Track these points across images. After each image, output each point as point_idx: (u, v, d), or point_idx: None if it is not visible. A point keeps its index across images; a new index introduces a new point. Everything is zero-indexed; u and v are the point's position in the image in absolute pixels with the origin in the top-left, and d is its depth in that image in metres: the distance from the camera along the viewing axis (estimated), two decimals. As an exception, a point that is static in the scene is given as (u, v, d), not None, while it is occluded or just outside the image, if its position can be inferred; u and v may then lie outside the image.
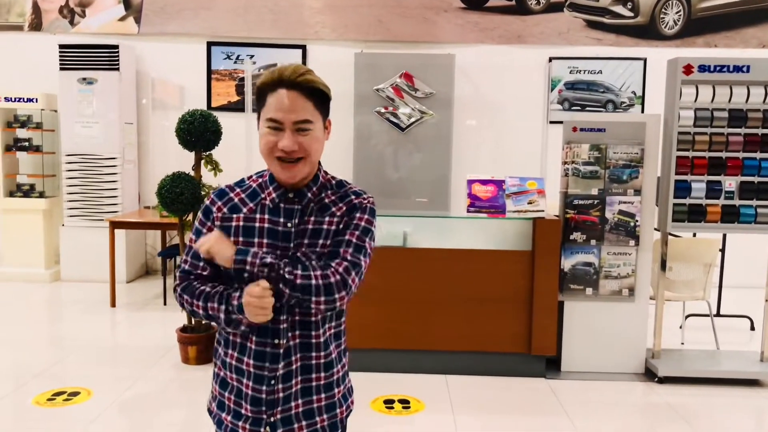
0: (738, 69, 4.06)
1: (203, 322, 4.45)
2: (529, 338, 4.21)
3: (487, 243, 4.32)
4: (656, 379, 4.18)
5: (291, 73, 1.56)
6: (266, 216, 1.63)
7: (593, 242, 4.23)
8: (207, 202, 1.70)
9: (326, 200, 1.66)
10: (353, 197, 1.67)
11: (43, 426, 3.45)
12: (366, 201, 1.68)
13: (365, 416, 3.59)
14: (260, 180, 1.69)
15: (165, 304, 5.86)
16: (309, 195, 1.65)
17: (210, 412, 1.75)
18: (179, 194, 4.24)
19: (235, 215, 1.65)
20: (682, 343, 4.95)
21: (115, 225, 5.81)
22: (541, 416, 3.72)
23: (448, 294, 4.21)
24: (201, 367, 4.30)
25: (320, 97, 1.60)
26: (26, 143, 6.73)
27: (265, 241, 1.60)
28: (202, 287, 1.63)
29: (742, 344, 5.04)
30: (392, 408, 3.75)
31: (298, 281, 1.53)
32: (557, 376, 4.27)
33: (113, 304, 5.76)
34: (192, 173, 4.43)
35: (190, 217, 4.44)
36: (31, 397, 3.78)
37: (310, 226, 1.62)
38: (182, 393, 3.97)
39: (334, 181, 1.71)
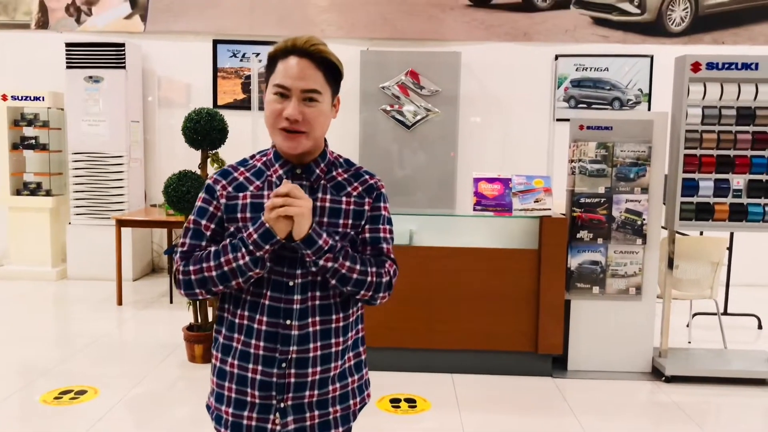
0: (746, 66, 4.04)
1: (209, 320, 4.46)
2: (536, 337, 4.20)
3: (494, 241, 4.31)
4: (663, 378, 4.16)
5: (304, 42, 1.54)
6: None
7: (600, 241, 4.21)
8: (209, 181, 1.64)
9: (339, 178, 1.64)
10: (367, 177, 1.67)
11: (50, 424, 3.46)
12: (381, 184, 1.69)
13: (372, 415, 3.59)
14: (264, 159, 1.66)
15: (171, 302, 5.88)
16: (317, 171, 1.62)
17: (208, 407, 1.69)
18: (185, 193, 4.25)
19: (241, 194, 1.60)
20: (689, 342, 4.93)
21: (121, 223, 5.82)
22: (547, 415, 3.71)
23: (455, 292, 4.21)
24: (207, 366, 4.30)
25: (332, 71, 1.58)
26: (33, 141, 6.75)
27: None
28: (208, 250, 1.57)
29: (749, 343, 5.02)
30: (398, 407, 3.75)
31: (355, 275, 1.56)
32: (564, 374, 4.26)
33: (120, 302, 5.77)
34: (198, 171, 4.43)
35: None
36: (38, 395, 3.79)
37: (328, 204, 1.60)
38: (189, 391, 3.98)
39: (342, 159, 1.70)
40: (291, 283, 1.56)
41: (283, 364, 1.57)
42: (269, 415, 1.58)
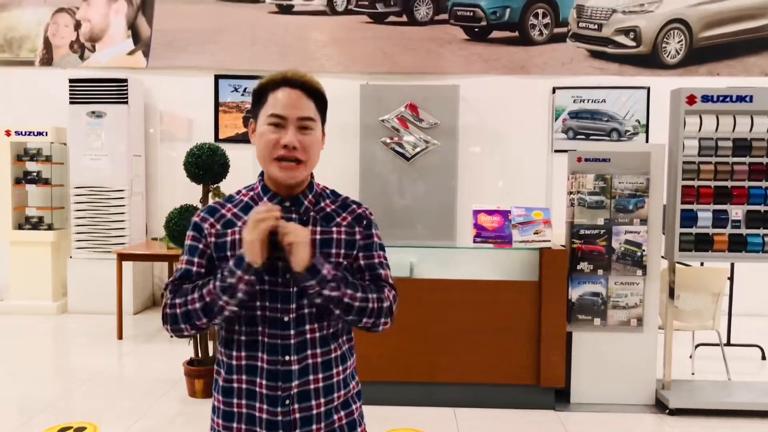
0: (741, 99, 4.09)
1: (209, 354, 4.44)
2: (538, 369, 4.18)
3: (494, 273, 4.31)
4: (667, 410, 4.13)
5: (294, 74, 1.59)
6: None
7: (600, 272, 4.22)
8: (196, 219, 1.64)
9: (328, 209, 1.66)
10: (355, 206, 1.69)
11: (49, 462, 3.43)
12: (370, 212, 1.71)
13: (373, 450, 3.55)
14: (251, 193, 1.66)
15: (172, 336, 5.83)
16: (305, 203, 1.63)
17: None
18: (187, 227, 4.26)
19: (229, 230, 1.60)
20: (693, 374, 4.90)
21: (122, 257, 5.84)
22: (551, 449, 3.67)
23: (455, 325, 4.20)
24: (208, 401, 4.25)
25: (320, 101, 1.63)
26: (35, 176, 6.79)
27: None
28: (195, 283, 1.58)
29: (753, 374, 4.98)
30: (400, 442, 3.71)
31: (357, 303, 1.56)
32: (567, 407, 4.22)
33: (120, 336, 5.75)
34: (200, 205, 4.46)
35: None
36: (38, 431, 3.76)
37: (318, 236, 1.60)
38: (189, 427, 3.94)
39: (328, 190, 1.72)
40: (286, 319, 1.56)
41: (287, 402, 1.56)
42: None
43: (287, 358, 1.56)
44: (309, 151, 1.58)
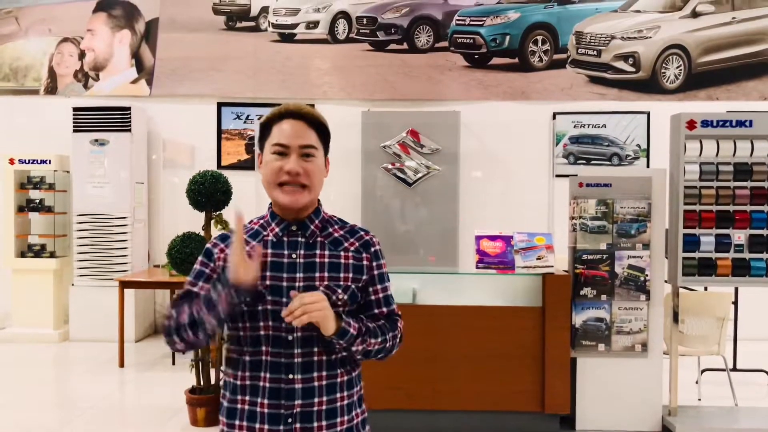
0: (741, 123, 4.11)
1: (212, 383, 4.41)
2: (542, 396, 4.14)
3: (497, 299, 4.29)
4: (674, 437, 4.08)
5: (295, 107, 1.69)
6: (269, 250, 1.65)
7: (604, 297, 4.20)
8: (209, 245, 1.73)
9: (336, 234, 1.72)
10: (362, 233, 1.76)
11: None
12: (377, 240, 1.78)
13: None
14: (261, 221, 1.74)
15: (173, 363, 5.82)
16: (311, 227, 1.69)
17: None
18: (189, 254, 4.27)
19: None
20: (699, 399, 4.85)
21: (124, 285, 5.83)
22: (556, 478, 3.62)
23: (459, 352, 4.17)
24: (210, 430, 4.23)
25: (322, 132, 1.70)
26: (38, 204, 6.82)
27: (268, 274, 1.62)
28: (189, 301, 1.62)
29: (760, 399, 4.93)
30: (404, 471, 3.66)
31: (377, 347, 1.66)
32: (572, 435, 4.18)
33: (122, 364, 5.72)
34: (202, 233, 4.46)
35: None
36: (37, 462, 3.73)
37: (327, 260, 1.66)
38: (190, 457, 3.90)
39: (335, 218, 1.79)
40: (290, 338, 1.60)
41: (289, 420, 1.58)
42: None
43: (290, 376, 1.59)
44: (312, 177, 1.65)
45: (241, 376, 1.62)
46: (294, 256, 1.64)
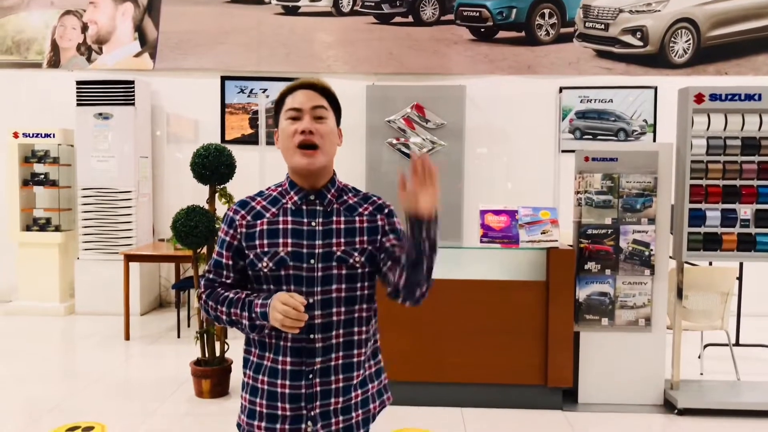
0: (750, 97, 4.06)
1: (216, 355, 4.45)
2: (545, 370, 4.16)
3: (501, 273, 4.29)
4: (676, 411, 4.10)
5: (307, 80, 1.78)
6: (289, 218, 1.74)
7: (608, 272, 4.20)
8: (230, 213, 1.79)
9: (351, 201, 1.80)
10: (375, 198, 1.85)
11: (57, 462, 3.44)
12: (389, 203, 1.86)
13: (380, 451, 3.54)
14: (280, 189, 1.81)
15: (179, 336, 5.86)
16: (329, 196, 1.77)
17: (239, 426, 1.79)
18: (193, 227, 4.27)
19: (258, 221, 1.75)
20: (702, 374, 4.87)
21: (129, 258, 5.85)
22: (559, 450, 3.65)
23: (462, 325, 4.19)
24: (215, 401, 4.27)
25: (333, 102, 1.80)
26: (43, 178, 6.82)
27: (289, 240, 1.71)
28: (226, 293, 1.75)
29: (762, 374, 4.94)
30: (407, 442, 3.70)
31: (434, 259, 1.65)
32: (574, 408, 4.20)
33: (127, 337, 5.77)
34: (206, 206, 4.46)
35: (204, 250, 4.46)
36: (45, 431, 3.78)
37: (343, 226, 1.74)
38: (196, 427, 3.94)
39: (350, 186, 1.88)
40: (311, 300, 1.68)
41: (310, 376, 1.70)
42: (301, 424, 1.71)
43: (312, 336, 1.69)
44: (324, 138, 1.72)
45: (267, 334, 1.72)
46: (313, 224, 1.72)
